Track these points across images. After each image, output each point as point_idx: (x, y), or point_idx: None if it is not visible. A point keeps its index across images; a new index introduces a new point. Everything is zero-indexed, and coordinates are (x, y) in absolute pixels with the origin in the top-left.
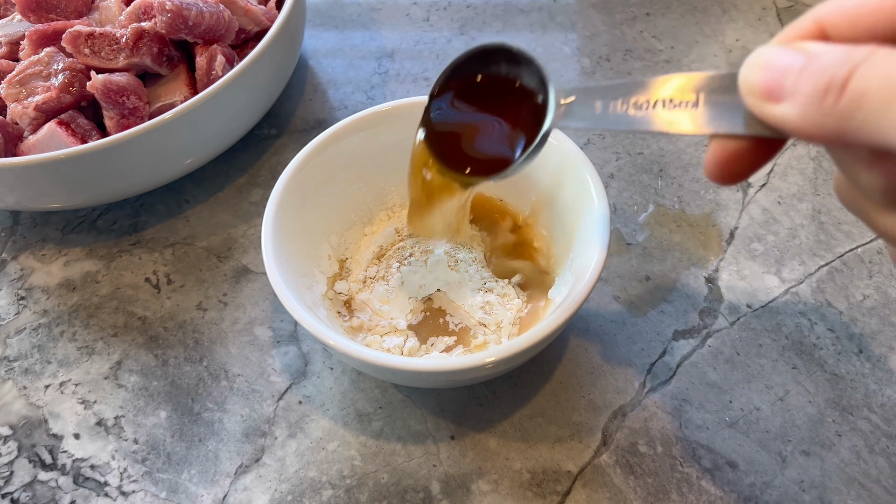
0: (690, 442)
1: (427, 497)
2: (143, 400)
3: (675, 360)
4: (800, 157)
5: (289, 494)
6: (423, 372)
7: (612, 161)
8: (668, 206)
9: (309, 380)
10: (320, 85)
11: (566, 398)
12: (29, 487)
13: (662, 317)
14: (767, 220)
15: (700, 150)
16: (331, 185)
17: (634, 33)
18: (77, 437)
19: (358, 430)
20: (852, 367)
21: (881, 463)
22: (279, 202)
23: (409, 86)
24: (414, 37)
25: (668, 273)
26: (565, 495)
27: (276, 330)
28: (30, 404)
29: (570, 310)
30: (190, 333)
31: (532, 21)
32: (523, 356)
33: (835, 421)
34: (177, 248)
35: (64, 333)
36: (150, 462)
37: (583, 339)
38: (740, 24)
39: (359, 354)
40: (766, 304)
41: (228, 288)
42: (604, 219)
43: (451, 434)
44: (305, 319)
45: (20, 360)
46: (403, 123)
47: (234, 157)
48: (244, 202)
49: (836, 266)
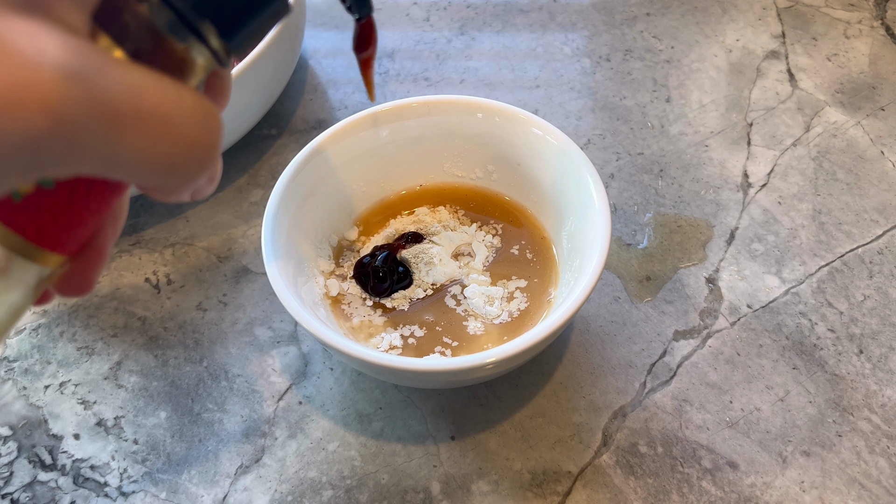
0: (691, 442)
1: (427, 497)
2: (143, 400)
3: (676, 361)
4: (800, 158)
5: (289, 495)
6: (423, 372)
7: (612, 161)
8: (668, 206)
9: (309, 380)
10: (320, 85)
11: (566, 398)
12: (29, 488)
13: (663, 317)
14: (768, 220)
15: (701, 151)
16: (331, 185)
17: (634, 33)
18: (77, 438)
19: (358, 431)
20: (853, 368)
21: (881, 463)
22: (279, 202)
23: (409, 86)
24: (414, 37)
25: (668, 273)
26: (566, 496)
27: (276, 330)
28: (30, 405)
29: (570, 310)
30: (190, 334)
31: (532, 21)
32: (523, 356)
33: (835, 421)
34: (177, 249)
35: (64, 334)
36: (150, 462)
37: (583, 339)
38: (740, 24)
39: (359, 354)
40: (766, 305)
41: (228, 288)
42: (604, 219)
43: (452, 434)
44: (305, 319)
45: (20, 361)
46: (403, 123)
47: (234, 157)
48: (244, 202)
49: (837, 266)
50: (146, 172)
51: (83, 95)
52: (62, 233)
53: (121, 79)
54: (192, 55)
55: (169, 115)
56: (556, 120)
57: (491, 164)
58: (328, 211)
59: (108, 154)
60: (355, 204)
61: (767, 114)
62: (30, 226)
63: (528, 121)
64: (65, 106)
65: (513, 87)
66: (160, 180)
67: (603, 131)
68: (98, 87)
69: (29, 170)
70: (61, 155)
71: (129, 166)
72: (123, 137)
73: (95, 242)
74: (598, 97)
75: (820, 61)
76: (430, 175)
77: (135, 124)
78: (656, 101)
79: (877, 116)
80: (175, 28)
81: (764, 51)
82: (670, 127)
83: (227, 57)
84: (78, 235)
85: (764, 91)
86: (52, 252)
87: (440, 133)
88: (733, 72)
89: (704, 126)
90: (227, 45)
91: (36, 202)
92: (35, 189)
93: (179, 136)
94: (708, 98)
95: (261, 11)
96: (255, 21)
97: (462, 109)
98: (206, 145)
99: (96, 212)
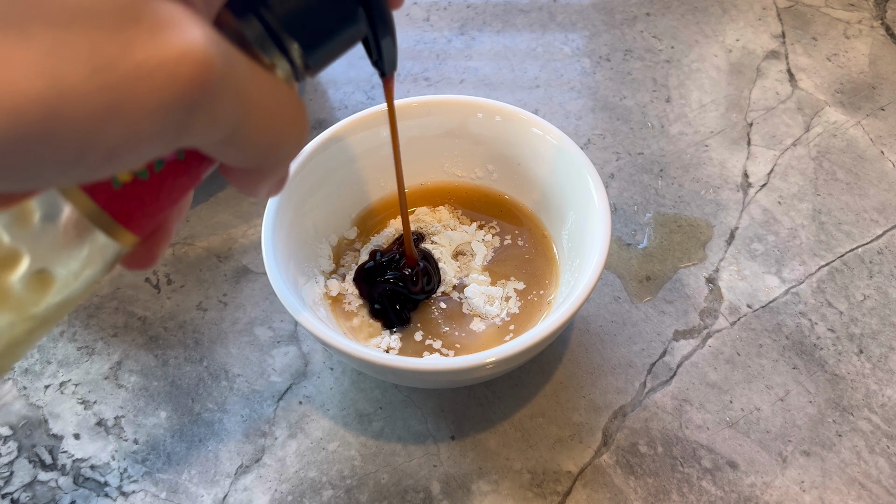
0: (691, 442)
1: (427, 497)
2: (143, 400)
3: (676, 361)
4: (800, 158)
5: (289, 495)
6: (423, 372)
7: (612, 161)
8: (668, 206)
9: (309, 380)
10: (320, 85)
11: (566, 398)
12: (29, 488)
13: (663, 317)
14: (768, 220)
15: (701, 151)
16: (331, 185)
17: (634, 33)
18: (77, 438)
19: (358, 431)
20: (853, 368)
21: (881, 463)
22: (279, 202)
23: (409, 86)
24: (414, 37)
25: (668, 273)
26: (566, 496)
27: (276, 330)
28: (30, 404)
29: (570, 310)
30: (190, 333)
31: (532, 21)
32: (523, 356)
33: (835, 421)
34: (177, 248)
35: (64, 333)
36: (150, 462)
37: (583, 339)
38: (740, 24)
39: (359, 354)
40: (766, 305)
41: (228, 288)
42: (604, 219)
43: (452, 434)
44: (305, 319)
45: (20, 361)
46: (403, 123)
47: None
48: (244, 202)
49: (837, 266)
50: (257, 150)
51: (227, 72)
52: (146, 218)
53: (248, 64)
54: (276, 70)
55: (280, 100)
56: (556, 120)
57: (491, 163)
58: (328, 211)
59: (233, 130)
60: (355, 204)
61: (767, 114)
62: (122, 211)
63: (528, 121)
64: (214, 79)
65: (513, 87)
66: (264, 159)
67: (603, 131)
68: (236, 67)
69: (172, 143)
70: (201, 127)
71: (246, 143)
72: (249, 115)
73: (164, 225)
74: (598, 97)
75: (820, 61)
76: (430, 175)
77: (258, 105)
78: (656, 101)
79: (877, 116)
80: (263, 43)
81: (764, 51)
82: (670, 127)
83: (304, 73)
84: (156, 220)
85: (764, 91)
86: (132, 233)
87: (440, 133)
88: (733, 72)
89: (704, 126)
90: (308, 63)
91: (131, 190)
92: (132, 179)
93: (286, 118)
94: (708, 98)
95: (341, 34)
96: (334, 43)
97: (462, 109)
98: (303, 131)
99: (175, 200)
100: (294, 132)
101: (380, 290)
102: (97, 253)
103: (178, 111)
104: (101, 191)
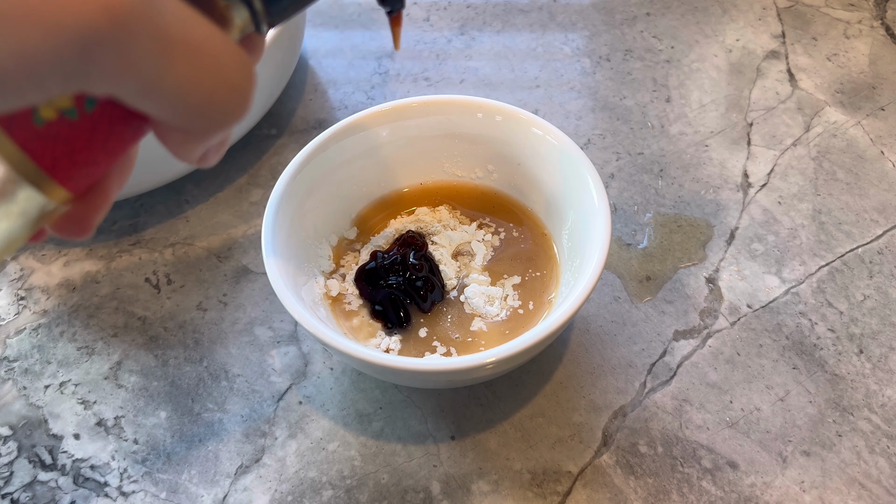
0: (691, 442)
1: (427, 497)
2: (143, 400)
3: (676, 361)
4: (800, 158)
5: (289, 495)
6: (423, 372)
7: (612, 161)
8: (668, 206)
9: (309, 380)
10: (320, 85)
11: (566, 398)
12: (29, 488)
13: (663, 317)
14: (768, 220)
15: (701, 151)
16: (331, 185)
17: (634, 33)
18: (77, 438)
19: (358, 431)
20: (853, 368)
21: (881, 463)
22: (279, 202)
23: (409, 86)
24: (414, 37)
25: (668, 273)
26: (566, 496)
27: (276, 330)
28: (30, 404)
29: (570, 310)
30: (190, 334)
31: (532, 21)
32: (523, 356)
33: (835, 421)
34: (177, 249)
35: (64, 333)
36: (150, 462)
37: (583, 339)
38: (740, 24)
39: (359, 354)
40: (766, 305)
41: (228, 288)
42: (604, 219)
43: (452, 434)
44: (305, 319)
45: (20, 361)
46: (403, 123)
47: (234, 157)
48: (244, 202)
49: (837, 266)
50: (183, 105)
51: (144, 10)
52: (75, 168)
53: (177, 8)
54: (232, 14)
55: (215, 53)
56: (556, 120)
57: (491, 163)
58: (328, 211)
59: (153, 77)
60: (355, 204)
61: (767, 114)
62: (46, 154)
63: (528, 121)
64: (125, 12)
65: (513, 87)
66: (194, 118)
67: (603, 131)
68: (157, 6)
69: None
70: (109, 66)
71: (169, 95)
72: (172, 63)
73: (101, 186)
74: (598, 97)
75: (820, 61)
76: (430, 175)
77: (184, 54)
78: (656, 101)
79: (877, 116)
80: None
81: (764, 51)
82: (670, 127)
83: (263, 21)
84: (89, 174)
85: (764, 91)
86: (61, 186)
87: (440, 133)
88: (733, 72)
89: (704, 126)
90: (267, 10)
91: (57, 131)
92: (58, 117)
93: (222, 75)
94: (708, 98)
95: None
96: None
97: (462, 109)
98: (244, 91)
99: (111, 153)
100: (232, 92)
101: (383, 295)
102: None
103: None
104: (20, 126)
